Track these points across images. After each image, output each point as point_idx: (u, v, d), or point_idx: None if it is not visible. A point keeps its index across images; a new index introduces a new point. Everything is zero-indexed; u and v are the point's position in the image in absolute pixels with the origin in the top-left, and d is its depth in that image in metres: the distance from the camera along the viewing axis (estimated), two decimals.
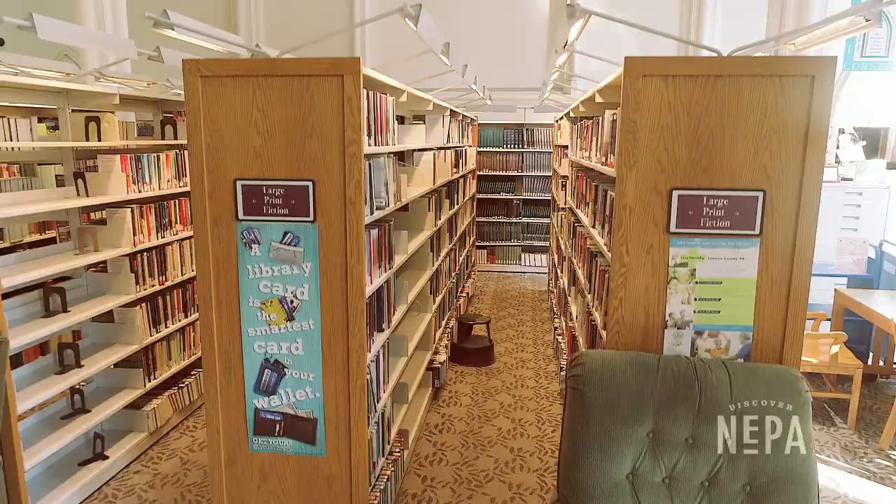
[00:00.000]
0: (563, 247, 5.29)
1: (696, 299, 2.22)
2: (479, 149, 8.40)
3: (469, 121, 7.28)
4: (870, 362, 4.87)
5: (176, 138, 4.10)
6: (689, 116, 2.12)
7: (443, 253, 4.74)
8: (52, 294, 3.15)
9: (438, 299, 4.58)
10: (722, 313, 2.22)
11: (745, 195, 2.13)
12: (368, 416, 2.52)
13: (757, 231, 2.15)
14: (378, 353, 2.76)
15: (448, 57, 3.27)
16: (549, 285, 7.46)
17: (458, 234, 5.83)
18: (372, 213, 2.55)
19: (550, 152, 8.33)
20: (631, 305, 2.25)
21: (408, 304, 3.41)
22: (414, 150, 3.97)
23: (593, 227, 3.13)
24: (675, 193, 2.16)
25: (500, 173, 8.60)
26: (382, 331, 2.85)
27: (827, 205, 5.82)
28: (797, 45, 2.63)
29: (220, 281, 2.43)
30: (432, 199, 4.20)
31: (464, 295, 6.39)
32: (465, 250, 6.60)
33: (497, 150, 8.54)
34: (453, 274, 5.55)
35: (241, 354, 2.49)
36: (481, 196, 8.53)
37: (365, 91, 2.37)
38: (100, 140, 3.34)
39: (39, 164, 3.98)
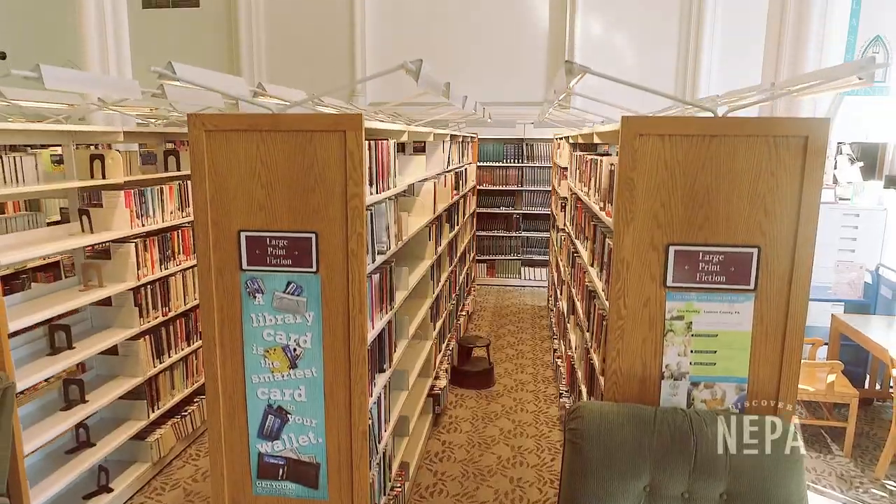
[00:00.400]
0: (562, 270, 5.32)
1: (692, 351, 2.26)
2: (479, 163, 8.44)
3: (469, 138, 7.32)
4: (866, 386, 4.91)
5: (179, 169, 4.14)
6: (685, 174, 2.16)
7: (443, 278, 4.78)
8: (57, 331, 3.19)
9: (439, 324, 4.62)
10: (717, 365, 2.26)
11: (741, 251, 2.17)
12: (370, 459, 2.56)
13: (752, 286, 2.19)
14: (379, 394, 2.80)
15: (449, 96, 3.31)
16: (548, 301, 7.50)
17: (459, 254, 5.87)
18: (374, 260, 2.60)
19: (550, 167, 8.37)
20: (628, 357, 2.29)
21: (408, 338, 3.45)
22: (414, 182, 4.01)
23: (591, 265, 3.17)
24: (672, 249, 2.20)
25: (500, 188, 8.64)
26: (384, 371, 2.89)
27: (824, 226, 5.88)
28: (792, 92, 2.67)
29: (225, 329, 2.47)
30: (433, 228, 4.24)
31: (464, 313, 6.43)
32: (466, 267, 6.64)
33: (497, 164, 8.59)
34: (453, 295, 5.59)
35: (245, 400, 2.52)
36: (481, 210, 8.57)
37: (367, 142, 2.41)
38: (104, 177, 3.38)
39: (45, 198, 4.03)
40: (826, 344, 4.79)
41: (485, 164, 8.54)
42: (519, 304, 7.86)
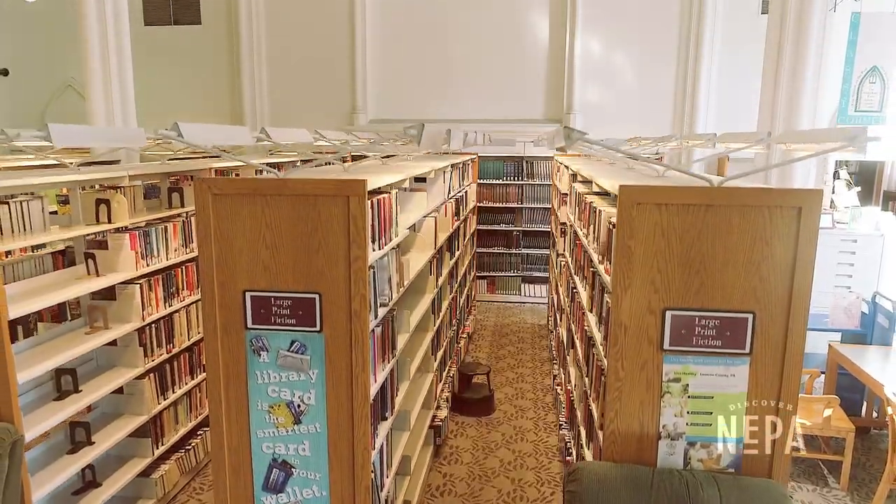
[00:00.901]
0: (561, 298, 5.37)
1: (688, 412, 2.31)
2: (479, 181, 8.48)
3: (469, 159, 7.36)
4: (863, 413, 4.95)
5: (182, 205, 4.19)
6: (681, 242, 2.20)
7: (444, 307, 4.82)
8: (63, 374, 3.23)
9: (440, 354, 4.67)
10: (714, 426, 2.30)
11: (736, 317, 2.22)
12: None
13: (747, 350, 2.23)
14: (382, 443, 2.85)
15: (450, 142, 3.35)
16: (548, 321, 7.54)
17: (459, 277, 5.91)
18: (376, 316, 2.64)
19: (550, 185, 8.42)
20: (626, 417, 2.34)
21: (410, 379, 3.50)
22: (416, 221, 4.05)
23: (590, 311, 3.21)
24: (669, 313, 2.25)
25: (501, 205, 8.69)
26: (386, 419, 2.93)
27: (821, 252, 5.93)
28: (787, 145, 2.71)
29: (230, 385, 2.52)
30: (434, 262, 4.28)
31: (464, 336, 6.48)
32: (466, 287, 6.68)
33: (497, 182, 8.64)
34: (454, 321, 5.64)
35: (251, 454, 2.57)
36: (482, 227, 8.61)
37: (369, 201, 2.46)
38: (110, 221, 3.43)
39: None
40: (823, 373, 4.84)
41: (485, 181, 8.58)
42: (519, 322, 7.91)
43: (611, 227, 2.56)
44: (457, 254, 5.64)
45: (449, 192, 5.28)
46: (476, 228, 8.09)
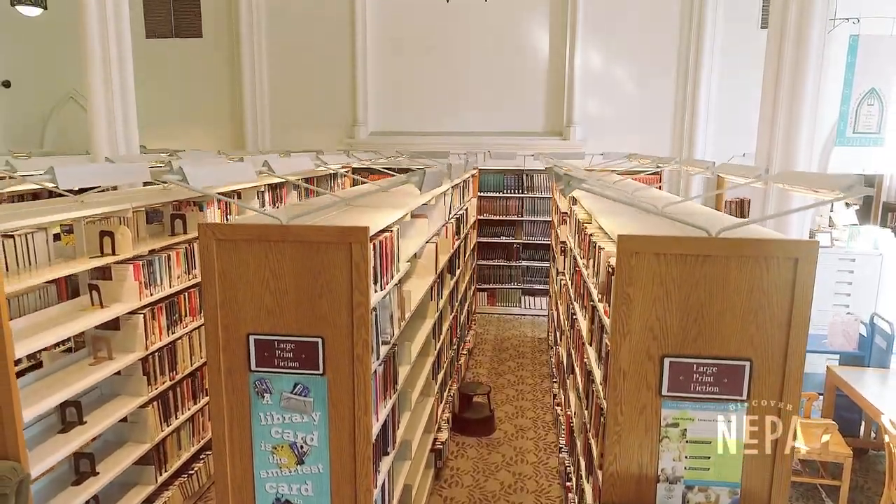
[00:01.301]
0: (561, 319, 5.40)
1: (686, 457, 2.34)
2: (479, 194, 8.51)
3: (470, 175, 7.39)
4: (861, 433, 4.98)
5: (185, 231, 4.22)
6: (679, 291, 2.24)
7: (444, 329, 4.85)
8: (68, 407, 3.26)
9: (441, 375, 4.70)
10: (711, 470, 2.33)
11: (733, 364, 2.25)
12: None
13: (744, 396, 2.26)
14: (384, 480, 2.88)
15: (451, 176, 3.38)
16: (548, 334, 7.57)
17: (460, 297, 5.94)
18: (378, 357, 2.67)
19: (550, 198, 8.45)
20: (625, 460, 2.37)
21: (411, 409, 3.53)
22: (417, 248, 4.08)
23: (590, 345, 3.24)
24: (667, 360, 2.28)
25: (501, 218, 8.72)
26: (388, 454, 2.96)
27: (820, 272, 5.97)
28: (784, 185, 2.74)
29: (234, 426, 2.55)
30: (434, 286, 4.31)
31: (465, 352, 6.51)
32: (467, 303, 6.71)
33: (497, 195, 8.67)
34: (454, 340, 5.67)
35: (254, 493, 2.60)
36: (482, 240, 8.64)
37: (371, 244, 2.49)
38: (114, 253, 3.45)
39: None
40: (821, 395, 4.87)
41: (485, 194, 8.61)
42: (519, 335, 7.94)
43: (609, 270, 2.59)
44: (457, 272, 5.67)
45: (450, 213, 5.31)
46: (476, 241, 8.13)
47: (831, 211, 6.25)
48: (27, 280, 2.97)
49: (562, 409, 4.97)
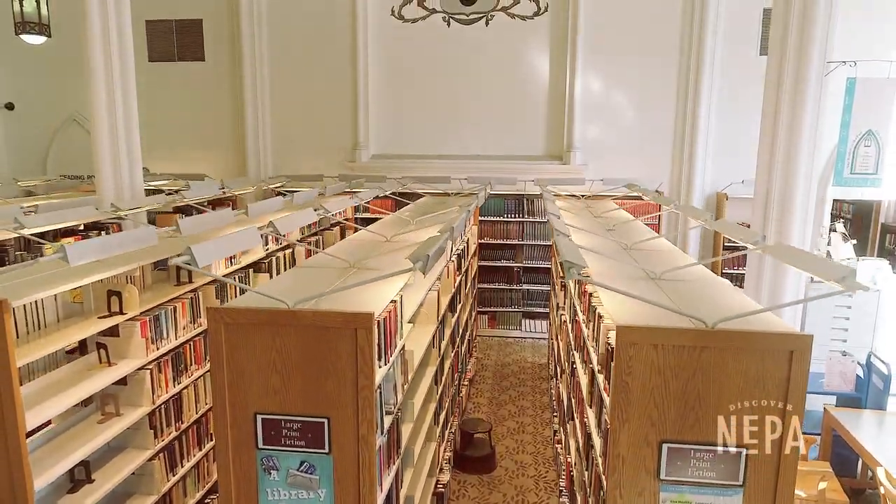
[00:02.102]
0: (560, 357, 5.45)
1: None
2: (480, 218, 8.57)
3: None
4: (858, 472, 5.04)
5: (190, 280, 4.27)
6: (677, 379, 2.29)
7: (446, 370, 4.90)
8: (77, 466, 3.31)
9: (442, 416, 4.75)
10: None
11: (729, 451, 2.30)
12: None
13: (740, 482, 2.32)
14: None
15: (454, 238, 3.44)
16: (548, 360, 7.62)
17: (461, 332, 5.99)
18: (383, 432, 2.73)
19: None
20: None
21: (413, 465, 3.58)
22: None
23: (589, 406, 3.30)
24: (665, 446, 2.33)
25: (501, 241, 8.78)
26: None
27: (818, 308, 6.02)
28: (778, 260, 2.79)
29: (241, 500, 2.61)
30: (436, 333, 4.37)
31: (466, 383, 6.56)
32: (468, 333, 6.76)
33: (498, 219, 8.73)
34: (455, 375, 5.72)
35: None
36: (483, 263, 8.70)
37: (375, 322, 2.54)
38: (121, 311, 3.51)
39: None
40: (819, 435, 4.92)
41: (486, 218, 8.67)
42: (520, 360, 7.99)
43: (609, 348, 2.65)
44: (458, 307, 5.72)
45: (451, 252, 5.36)
46: (477, 265, 8.18)
47: (829, 245, 6.31)
48: (38, 349, 3.03)
49: (562, 448, 5.03)
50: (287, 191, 8.85)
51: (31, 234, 4.11)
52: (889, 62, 5.08)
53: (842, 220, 6.79)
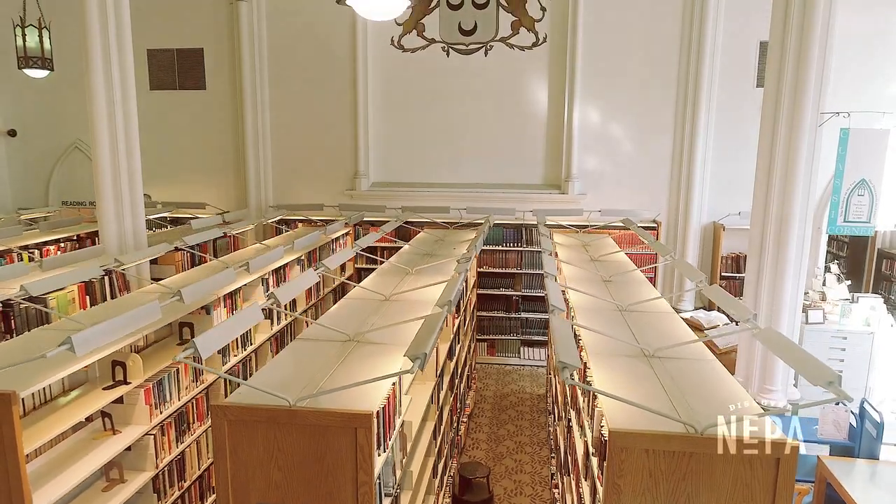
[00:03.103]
0: (558, 402, 5.51)
1: None
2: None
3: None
4: None
5: (192, 334, 4.34)
6: (667, 482, 2.36)
7: (445, 418, 4.97)
8: None
9: (441, 465, 4.82)
10: None
11: None
12: None
13: None
14: None
15: (453, 306, 3.51)
16: (546, 391, 7.68)
17: (460, 372, 6.05)
18: None
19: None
20: None
21: None
22: None
23: (584, 479, 3.36)
24: None
25: (500, 270, 8.85)
26: None
27: (813, 348, 6.10)
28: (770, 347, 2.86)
29: None
30: (435, 388, 4.43)
31: (465, 419, 6.62)
32: (467, 367, 6.82)
33: (497, 248, 8.79)
34: (454, 417, 5.79)
35: None
36: (481, 291, 8.76)
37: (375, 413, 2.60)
38: (126, 381, 3.58)
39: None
40: (812, 482, 4.98)
41: (485, 247, 8.73)
42: (519, 391, 8.06)
43: (603, 439, 2.71)
44: (457, 352, 5.78)
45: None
46: (477, 292, 8.24)
47: (824, 285, 6.38)
48: (46, 430, 3.10)
49: (559, 494, 5.09)
50: (290, 219, 8.94)
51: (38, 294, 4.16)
52: (882, 113, 5.16)
53: (836, 261, 6.85)
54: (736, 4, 8.22)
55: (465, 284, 6.46)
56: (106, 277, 5.71)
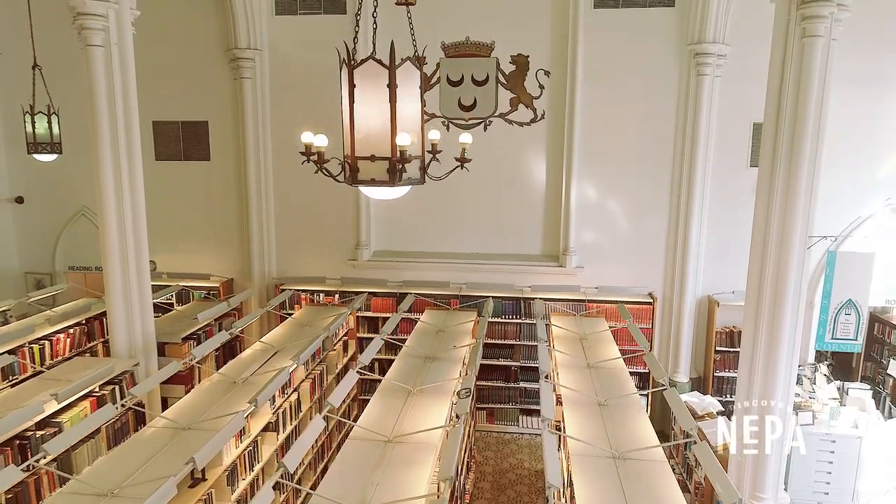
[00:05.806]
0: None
1: None
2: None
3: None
4: None
5: (204, 478, 4.51)
6: None
7: None
8: None
9: None
10: None
11: None
12: None
13: None
14: None
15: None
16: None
17: (462, 467, 6.22)
18: None
19: (546, 324, 8.74)
20: None
21: None
22: None
23: None
24: None
25: (500, 341, 9.04)
26: None
27: (801, 453, 6.27)
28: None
29: None
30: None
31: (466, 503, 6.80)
32: (466, 452, 6.98)
33: (496, 319, 8.98)
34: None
35: None
36: (482, 362, 8.92)
37: None
38: None
39: None
40: None
41: None
42: (517, 466, 8.24)
43: None
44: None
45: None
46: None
47: (814, 384, 6.56)
48: None
49: None
50: (293, 288, 9.10)
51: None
52: (865, 237, 5.35)
53: (826, 363, 7.04)
54: (730, 86, 8.40)
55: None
56: (116, 387, 5.92)
